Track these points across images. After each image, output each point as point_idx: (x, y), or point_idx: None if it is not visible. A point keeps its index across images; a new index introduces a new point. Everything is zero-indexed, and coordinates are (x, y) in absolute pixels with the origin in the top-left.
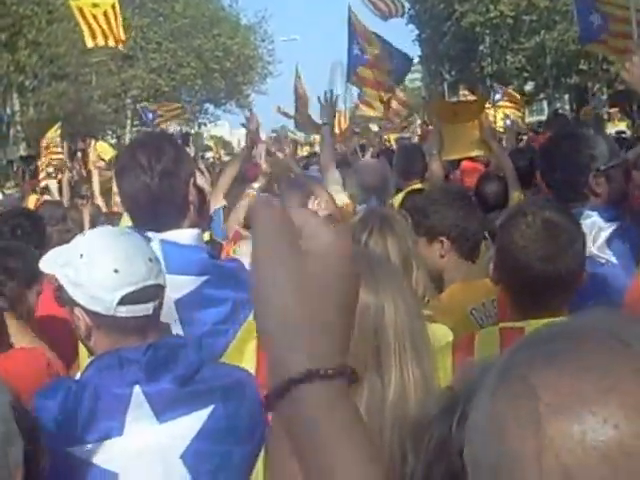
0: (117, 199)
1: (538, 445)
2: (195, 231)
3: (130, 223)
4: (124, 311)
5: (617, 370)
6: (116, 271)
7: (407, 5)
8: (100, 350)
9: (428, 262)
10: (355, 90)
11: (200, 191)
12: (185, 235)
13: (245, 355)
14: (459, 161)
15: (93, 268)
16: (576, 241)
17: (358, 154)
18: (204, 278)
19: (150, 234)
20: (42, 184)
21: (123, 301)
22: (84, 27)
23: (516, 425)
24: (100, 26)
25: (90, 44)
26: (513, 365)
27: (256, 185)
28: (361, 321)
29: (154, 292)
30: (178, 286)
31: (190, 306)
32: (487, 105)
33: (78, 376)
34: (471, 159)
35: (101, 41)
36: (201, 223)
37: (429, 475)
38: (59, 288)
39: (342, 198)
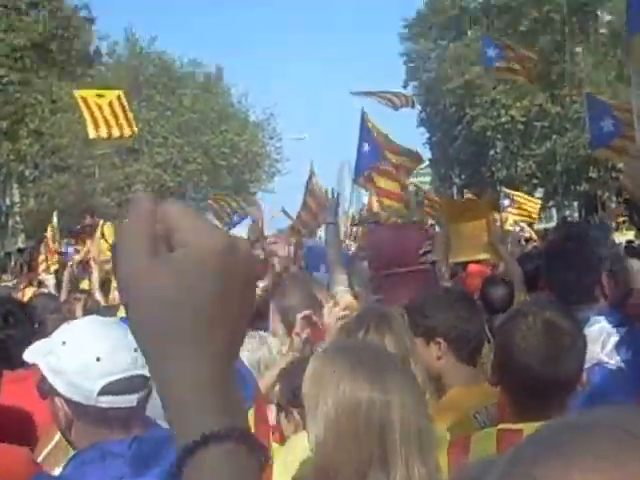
0: (116, 292)
1: None
2: None
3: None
4: (105, 401)
5: (628, 461)
6: (98, 359)
7: (418, 107)
8: (80, 443)
9: (425, 363)
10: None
11: None
12: None
13: None
14: (466, 262)
15: (74, 355)
16: (577, 342)
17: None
18: None
19: None
20: (40, 277)
21: (105, 391)
22: (87, 117)
23: None
24: (104, 117)
25: (92, 135)
26: (517, 461)
27: (261, 284)
28: (367, 416)
29: (139, 383)
30: None
31: None
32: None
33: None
34: (478, 261)
35: (104, 132)
36: None
37: None
38: (42, 379)
39: (347, 299)
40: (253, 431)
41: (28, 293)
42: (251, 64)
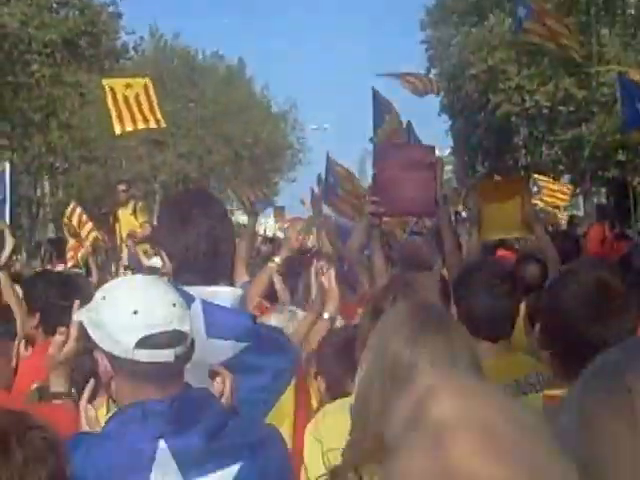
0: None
1: (634, 441)
2: (239, 291)
3: None
4: (142, 355)
5: None
6: (135, 312)
7: (441, 94)
8: (121, 398)
9: None
10: None
11: None
12: (229, 294)
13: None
14: (494, 248)
15: (112, 309)
16: (630, 305)
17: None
18: (244, 344)
19: (193, 292)
20: (69, 264)
21: (141, 344)
22: (113, 112)
23: (610, 422)
24: (130, 110)
25: (118, 131)
26: (607, 365)
27: (277, 258)
28: (393, 371)
29: (176, 338)
30: (216, 350)
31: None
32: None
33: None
34: (505, 248)
35: (130, 126)
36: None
37: None
38: (87, 336)
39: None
40: (293, 402)
41: None
42: (272, 56)
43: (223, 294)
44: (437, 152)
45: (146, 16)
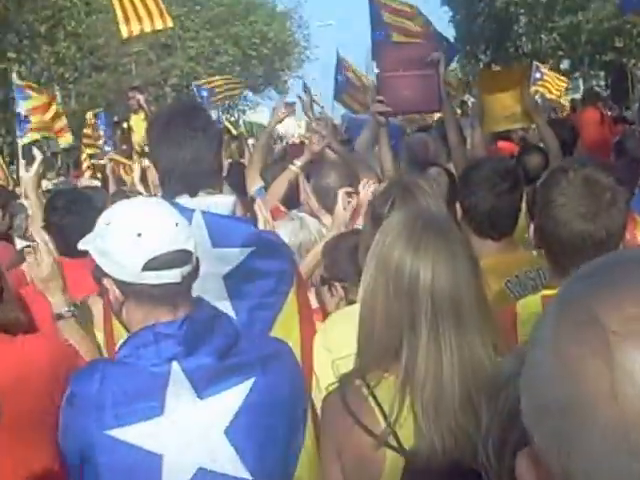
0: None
1: (612, 377)
2: (232, 198)
3: None
4: (150, 277)
5: None
6: (139, 235)
7: None
8: (132, 323)
9: None
10: None
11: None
12: (225, 202)
13: (292, 334)
14: (495, 140)
15: (117, 234)
16: (617, 198)
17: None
18: (249, 250)
19: (190, 204)
20: (85, 175)
21: (148, 266)
22: (119, 14)
23: (585, 360)
24: (137, 12)
25: (125, 34)
26: (573, 296)
27: (298, 162)
28: (397, 275)
29: (181, 258)
30: (225, 260)
31: (238, 280)
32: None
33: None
34: (506, 139)
35: (136, 28)
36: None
37: (505, 441)
38: (94, 263)
39: None
40: (296, 315)
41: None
42: None
43: (216, 205)
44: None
45: None
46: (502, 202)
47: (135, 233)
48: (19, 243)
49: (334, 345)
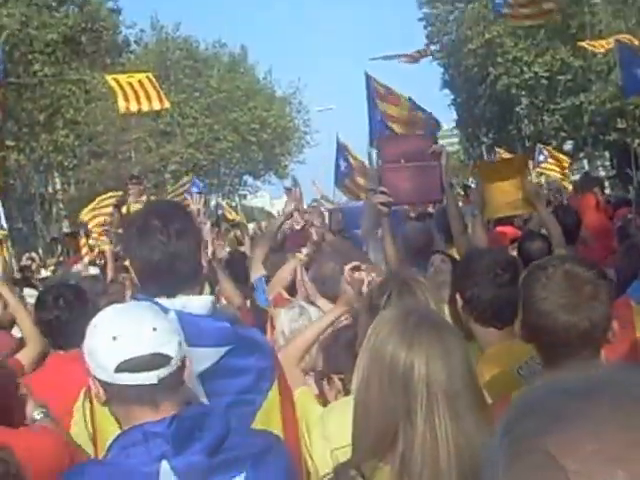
0: None
1: None
2: (209, 298)
3: None
4: (123, 379)
5: (637, 423)
6: (114, 338)
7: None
8: (119, 420)
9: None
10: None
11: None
12: (200, 303)
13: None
14: (495, 224)
15: (98, 335)
16: (599, 293)
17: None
18: (226, 348)
19: (166, 303)
20: (85, 260)
21: (121, 368)
22: (118, 92)
23: None
24: (135, 92)
25: (123, 109)
26: (524, 435)
27: (305, 250)
28: (391, 370)
29: (156, 361)
30: (200, 359)
31: (214, 378)
32: (530, 166)
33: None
34: (508, 223)
35: (134, 106)
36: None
37: None
38: None
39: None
40: (278, 413)
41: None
42: (274, 40)
43: (191, 305)
44: (443, 125)
45: (146, 8)
46: (503, 293)
47: (111, 336)
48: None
49: (333, 435)
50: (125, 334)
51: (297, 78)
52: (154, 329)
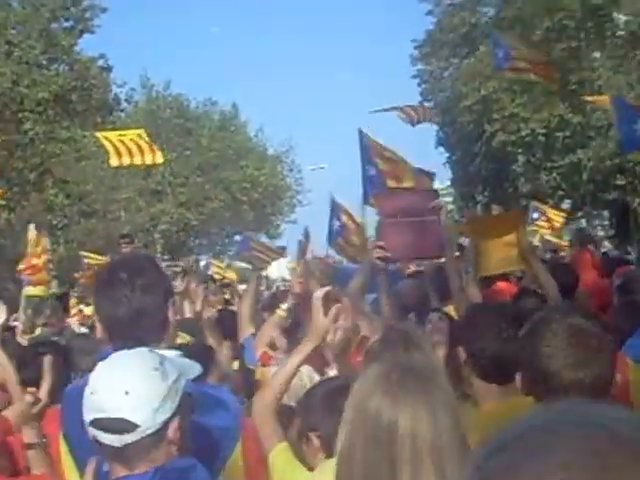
0: None
1: None
2: (175, 353)
3: None
4: (94, 433)
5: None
6: (91, 393)
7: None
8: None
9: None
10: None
11: None
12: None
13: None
14: (492, 279)
15: (85, 387)
16: (603, 345)
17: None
18: None
19: None
20: (74, 320)
21: (92, 424)
22: (109, 148)
23: None
24: (127, 147)
25: (115, 163)
26: (495, 471)
27: (284, 306)
28: (374, 425)
29: (121, 426)
30: None
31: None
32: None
33: None
34: (506, 279)
35: (126, 160)
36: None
37: None
38: None
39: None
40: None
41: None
42: (266, 97)
43: None
44: (437, 184)
45: (136, 66)
46: (508, 348)
47: (90, 390)
48: None
49: None
50: (99, 392)
51: (289, 136)
52: (126, 393)
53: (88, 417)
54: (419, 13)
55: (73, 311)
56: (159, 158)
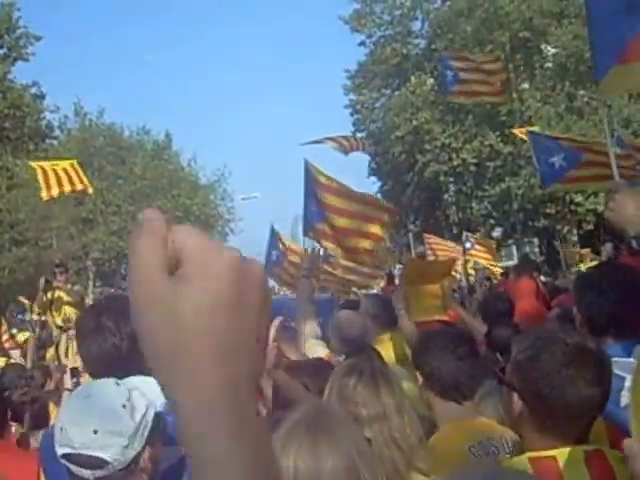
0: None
1: None
2: (141, 379)
3: None
4: (70, 468)
5: None
6: (61, 429)
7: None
8: None
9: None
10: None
11: None
12: (155, 387)
13: None
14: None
15: (56, 420)
16: (605, 362)
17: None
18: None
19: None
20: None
21: (65, 457)
22: (41, 180)
23: None
24: (58, 177)
25: (45, 197)
26: None
27: None
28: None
29: (93, 462)
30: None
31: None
32: (458, 255)
33: None
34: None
35: (56, 192)
36: None
37: None
38: None
39: (322, 351)
40: None
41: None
42: (199, 127)
43: (146, 388)
44: None
45: (70, 94)
46: (464, 365)
47: (60, 426)
48: None
49: None
50: (68, 429)
51: (222, 165)
52: (95, 432)
53: (60, 451)
54: (352, 43)
55: (5, 337)
56: (89, 189)
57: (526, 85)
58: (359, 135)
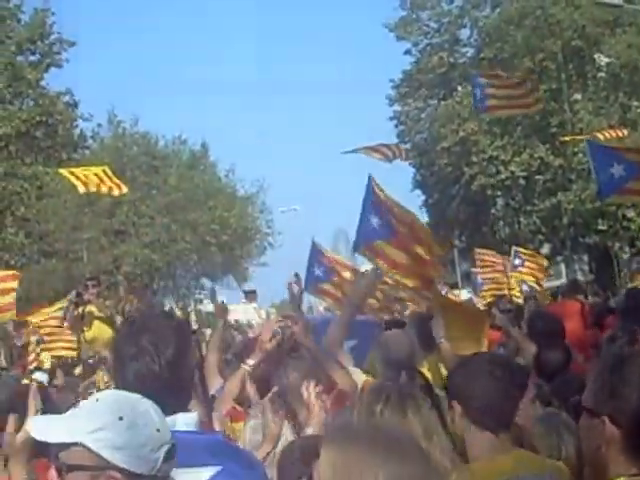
0: None
1: None
2: (195, 414)
3: None
4: (164, 468)
5: None
6: (158, 430)
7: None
8: None
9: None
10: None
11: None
12: (186, 419)
13: None
14: None
15: (137, 429)
16: None
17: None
18: (218, 468)
19: None
20: (32, 366)
21: (165, 458)
22: (75, 181)
23: None
24: (94, 177)
25: (82, 190)
26: None
27: (251, 361)
28: None
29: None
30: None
31: None
32: (507, 271)
33: None
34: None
35: (93, 188)
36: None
37: None
38: (80, 456)
39: (360, 377)
40: None
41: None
42: (237, 138)
43: (175, 423)
44: None
45: (104, 102)
46: (501, 389)
47: (155, 428)
48: None
49: None
50: (162, 426)
51: (261, 177)
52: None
53: (160, 454)
54: (397, 52)
55: (32, 356)
56: (123, 189)
57: (578, 96)
58: (403, 147)
